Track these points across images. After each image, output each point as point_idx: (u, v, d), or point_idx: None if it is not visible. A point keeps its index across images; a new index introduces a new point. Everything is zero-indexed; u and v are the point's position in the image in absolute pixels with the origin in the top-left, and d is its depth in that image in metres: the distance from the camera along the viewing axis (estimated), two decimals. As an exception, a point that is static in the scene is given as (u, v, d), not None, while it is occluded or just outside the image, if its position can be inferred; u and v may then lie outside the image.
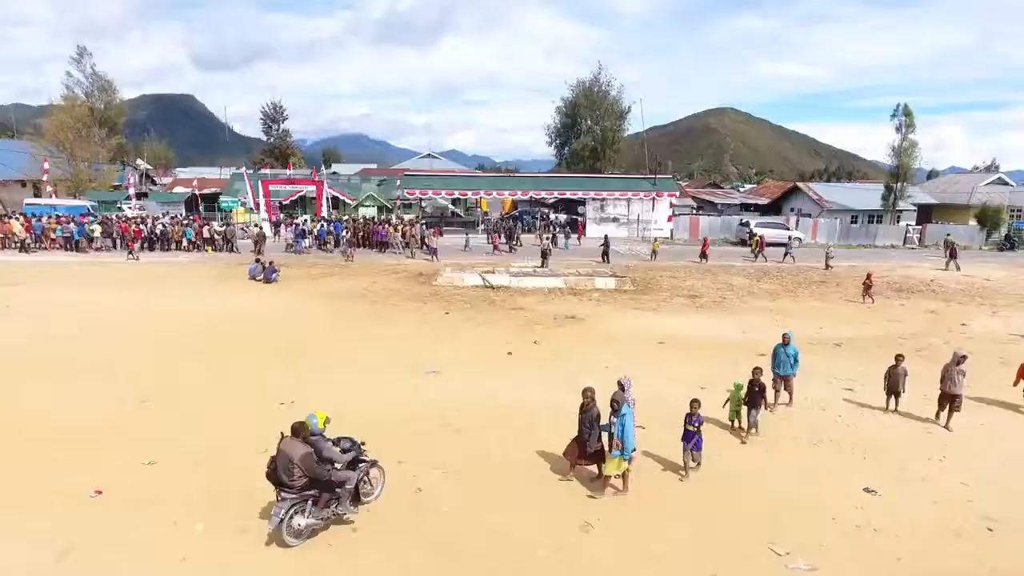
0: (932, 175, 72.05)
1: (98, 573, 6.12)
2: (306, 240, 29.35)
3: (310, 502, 6.57)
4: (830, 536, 7.03)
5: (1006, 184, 47.89)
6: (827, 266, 27.31)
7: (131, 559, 6.33)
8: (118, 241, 27.95)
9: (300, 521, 6.48)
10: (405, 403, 10.57)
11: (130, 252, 25.98)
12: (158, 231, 28.49)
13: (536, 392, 11.18)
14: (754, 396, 9.11)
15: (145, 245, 27.82)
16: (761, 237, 31.26)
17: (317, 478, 6.50)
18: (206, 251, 28.28)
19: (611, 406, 7.58)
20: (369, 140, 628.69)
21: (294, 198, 43.62)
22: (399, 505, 7.42)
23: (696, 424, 7.96)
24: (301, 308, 18.07)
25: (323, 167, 66.94)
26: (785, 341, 10.41)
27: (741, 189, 73.22)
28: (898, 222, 44.36)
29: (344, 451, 7.04)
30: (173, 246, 28.54)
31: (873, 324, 17.91)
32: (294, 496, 6.44)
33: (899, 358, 10.60)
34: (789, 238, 32.96)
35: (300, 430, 6.62)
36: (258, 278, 21.54)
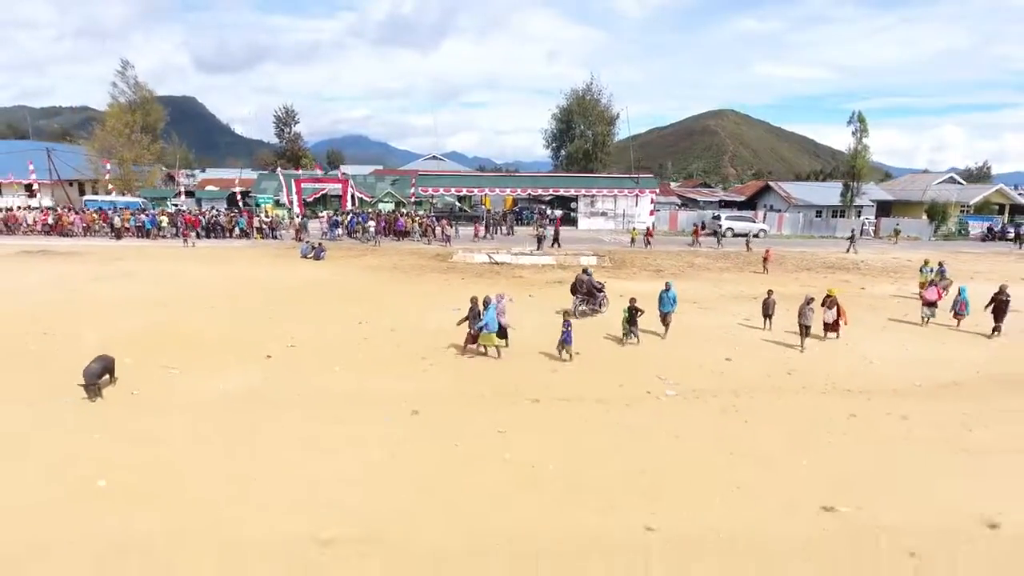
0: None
1: (264, 413, 11.41)
2: (338, 229, 34.68)
3: (585, 302, 16.66)
4: (695, 374, 12.33)
5: (956, 183, 53.16)
6: (748, 247, 32.76)
7: (283, 397, 11.66)
8: (180, 230, 33.21)
9: (582, 308, 16.52)
10: (442, 323, 15.86)
11: (185, 240, 31.20)
12: (213, 222, 33.79)
13: (527, 319, 16.46)
14: (632, 316, 14.24)
15: (202, 233, 33.14)
16: (697, 227, 37.22)
17: (590, 292, 16.73)
18: (255, 238, 33.60)
19: (482, 305, 12.82)
20: (369, 141, 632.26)
21: (317, 196, 49.01)
22: (452, 360, 12.75)
23: (567, 327, 12.96)
24: (349, 275, 23.38)
25: (338, 169, 72.31)
26: (667, 288, 15.27)
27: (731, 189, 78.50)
28: (859, 216, 49.61)
29: (599, 282, 17.53)
30: (227, 234, 33.83)
31: (791, 287, 23.11)
32: (579, 298, 16.76)
33: (770, 292, 15.93)
34: (719, 227, 38.41)
35: (587, 270, 17.81)
36: (309, 256, 26.84)
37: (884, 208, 53.47)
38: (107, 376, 11.05)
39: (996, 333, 15.54)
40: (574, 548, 6.52)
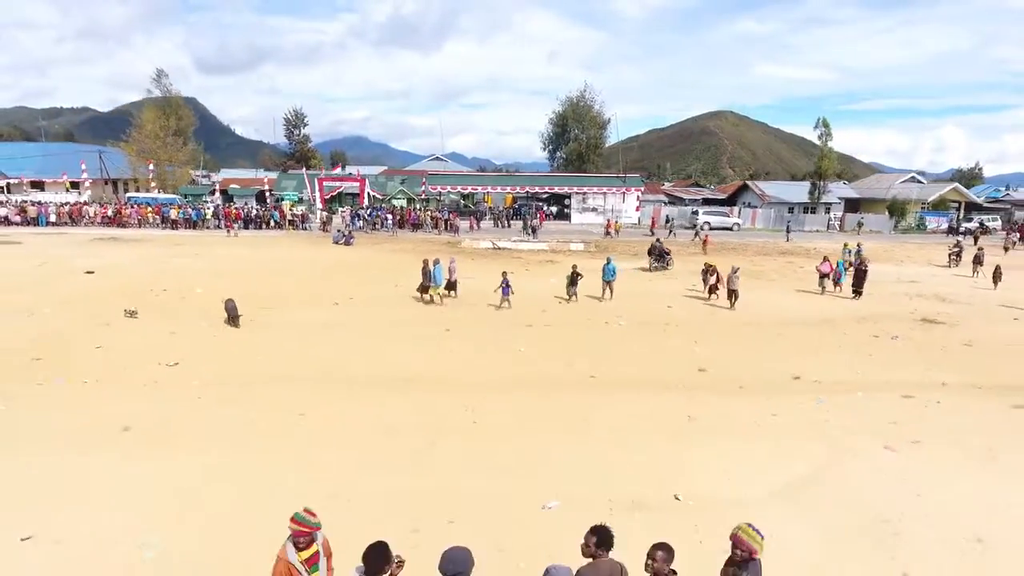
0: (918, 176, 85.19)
1: (346, 333, 16.28)
2: (359, 222, 39.60)
3: (657, 261, 25.78)
4: (643, 315, 17.21)
5: (918, 183, 58.15)
6: (696, 236, 37.61)
7: (357, 323, 16.56)
8: (222, 222, 38.12)
9: (655, 264, 25.56)
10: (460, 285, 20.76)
11: (228, 230, 36.13)
12: (253, 214, 38.73)
13: (526, 284, 21.35)
14: (573, 279, 18.90)
15: (241, 225, 38.03)
16: (653, 219, 42.51)
17: (660, 254, 25.97)
18: (287, 229, 38.54)
19: (431, 266, 17.60)
20: (369, 142, 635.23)
21: (334, 194, 53.96)
22: (468, 306, 17.66)
23: (505, 283, 17.66)
24: (377, 256, 28.30)
25: (343, 169, 77.31)
26: (608, 261, 19.76)
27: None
28: (827, 212, 54.53)
29: (667, 248, 25.90)
30: (262, 226, 38.75)
31: (743, 266, 28.02)
32: (653, 258, 25.90)
33: (708, 264, 20.79)
34: (671, 219, 43.70)
35: (659, 239, 27.85)
36: (340, 242, 31.76)
37: (853, 205, 58.40)
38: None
39: (857, 296, 20.33)
40: (546, 381, 11.43)
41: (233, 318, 14.99)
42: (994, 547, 6.48)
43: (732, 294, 19.24)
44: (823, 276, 21.38)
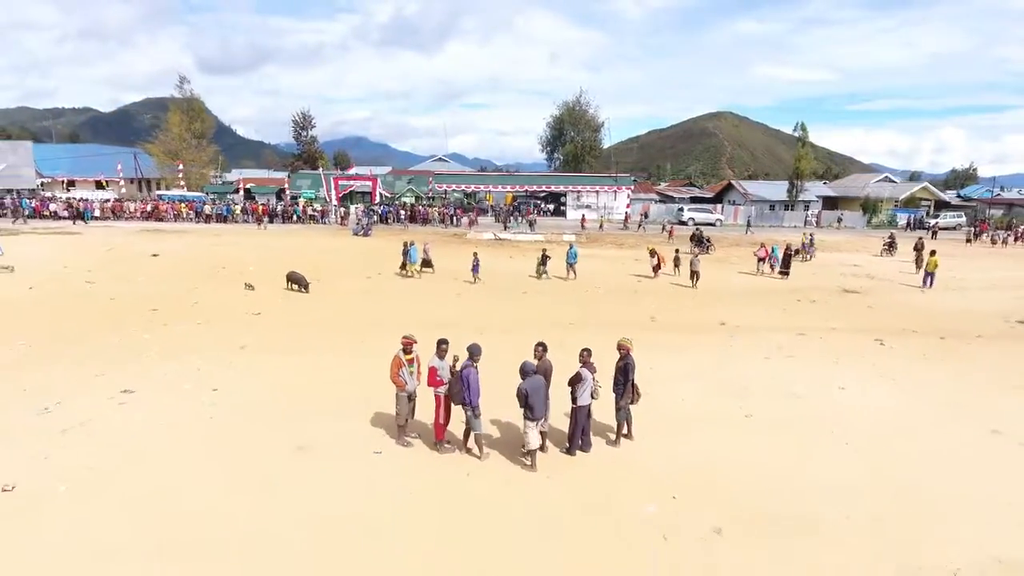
0: (914, 176, 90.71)
1: (382, 296, 20.32)
2: (373, 216, 43.66)
3: (698, 246, 29.70)
4: (617, 287, 21.25)
5: (892, 182, 62.26)
6: (663, 229, 41.43)
7: (388, 290, 20.63)
8: (249, 216, 42.16)
9: (695, 249, 27.38)
10: (466, 268, 24.76)
11: (259, 223, 40.20)
12: (278, 210, 42.83)
13: (520, 265, 25.39)
14: (543, 260, 22.88)
15: (268, 219, 42.10)
16: (627, 215, 46.63)
17: (700, 240, 30.46)
18: (308, 223, 42.60)
19: (408, 247, 21.65)
20: (370, 143, 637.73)
21: (347, 192, 58.08)
22: (472, 281, 21.73)
23: (476, 263, 21.63)
24: (393, 245, 32.06)
25: (347, 169, 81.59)
26: (570, 246, 24.02)
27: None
28: (806, 209, 58.55)
29: (707, 236, 30.89)
30: (286, 220, 42.82)
31: (716, 254, 32.09)
32: (695, 242, 29.95)
33: (677, 251, 24.83)
34: (647, 215, 48.13)
35: (699, 228, 30.85)
36: (359, 234, 35.81)
37: (832, 202, 62.48)
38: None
39: (784, 276, 24.26)
40: (538, 325, 15.48)
41: (303, 284, 18.98)
42: (803, 398, 10.54)
43: (694, 275, 23.19)
44: (760, 260, 25.45)
